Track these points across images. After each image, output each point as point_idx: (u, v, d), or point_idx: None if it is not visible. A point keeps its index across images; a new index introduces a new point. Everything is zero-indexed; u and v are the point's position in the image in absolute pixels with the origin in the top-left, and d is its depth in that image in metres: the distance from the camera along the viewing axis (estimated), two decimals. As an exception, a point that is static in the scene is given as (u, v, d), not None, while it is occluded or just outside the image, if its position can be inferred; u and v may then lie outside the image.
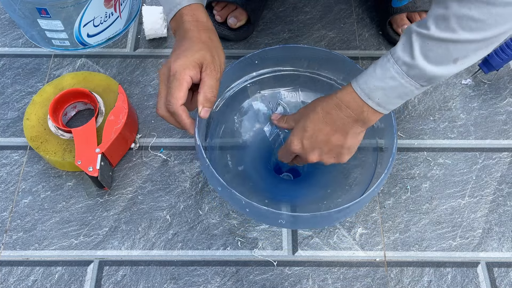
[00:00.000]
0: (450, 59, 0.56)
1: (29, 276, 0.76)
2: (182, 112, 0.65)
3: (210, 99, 0.66)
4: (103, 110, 0.84)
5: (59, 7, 0.87)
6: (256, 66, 0.80)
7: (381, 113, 0.64)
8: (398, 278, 0.76)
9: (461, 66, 0.58)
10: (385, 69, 0.61)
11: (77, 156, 0.77)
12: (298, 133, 0.69)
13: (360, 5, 1.04)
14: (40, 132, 0.82)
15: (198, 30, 0.68)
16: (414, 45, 0.57)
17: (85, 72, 0.89)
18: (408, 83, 0.60)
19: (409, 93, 0.61)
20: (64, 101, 0.85)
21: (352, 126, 0.66)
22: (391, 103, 0.63)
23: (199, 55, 0.65)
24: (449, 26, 0.54)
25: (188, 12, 0.68)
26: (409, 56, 0.58)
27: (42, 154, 0.81)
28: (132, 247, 0.78)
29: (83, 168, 0.76)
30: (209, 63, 0.66)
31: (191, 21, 0.68)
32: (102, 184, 0.79)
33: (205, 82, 0.65)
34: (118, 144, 0.82)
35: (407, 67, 0.58)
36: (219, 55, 0.68)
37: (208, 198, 0.82)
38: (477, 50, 0.55)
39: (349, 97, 0.64)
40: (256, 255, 0.78)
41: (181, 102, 0.65)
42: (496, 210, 0.82)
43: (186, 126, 0.67)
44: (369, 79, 0.62)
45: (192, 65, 0.64)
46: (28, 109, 0.84)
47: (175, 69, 0.64)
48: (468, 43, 0.54)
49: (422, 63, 0.57)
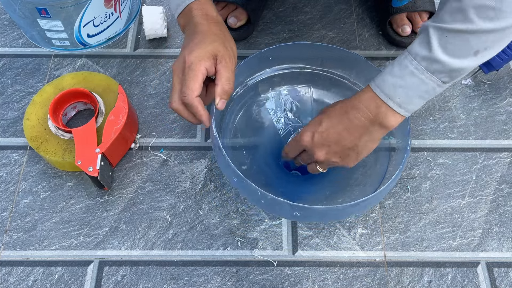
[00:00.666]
0: (471, 51, 0.55)
1: (29, 276, 0.76)
2: (198, 103, 0.64)
3: (228, 91, 0.65)
4: (103, 110, 0.84)
5: (59, 7, 0.87)
6: (269, 62, 0.79)
7: (402, 115, 0.62)
8: (398, 278, 0.76)
9: (482, 59, 0.56)
10: (403, 66, 0.59)
11: (77, 156, 0.77)
12: (311, 126, 0.68)
13: (360, 5, 1.04)
14: (40, 132, 0.82)
15: (209, 23, 0.67)
16: (432, 39, 0.56)
17: (85, 72, 0.89)
18: (428, 79, 0.58)
19: (430, 91, 0.59)
20: (64, 101, 0.85)
21: (368, 129, 0.64)
22: (412, 103, 0.61)
23: (213, 46, 0.65)
24: (467, 17, 0.53)
25: (197, 7, 0.68)
26: (427, 50, 0.57)
27: (42, 154, 0.81)
28: (132, 247, 0.78)
29: (83, 168, 0.76)
30: (224, 54, 0.65)
31: (200, 15, 0.68)
32: (102, 184, 0.79)
33: (221, 74, 0.65)
34: (118, 144, 0.82)
35: (427, 61, 0.57)
36: (232, 47, 0.67)
37: (208, 198, 0.82)
38: (497, 41, 0.54)
39: (368, 97, 0.63)
40: (256, 255, 0.78)
41: (196, 93, 0.64)
42: (496, 210, 0.82)
43: (202, 117, 0.66)
44: (387, 77, 0.61)
45: (207, 57, 0.64)
46: (28, 109, 0.84)
47: (190, 61, 0.64)
48: (487, 33, 0.53)
49: (442, 56, 0.56)
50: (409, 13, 0.96)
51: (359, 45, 0.99)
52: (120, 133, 0.80)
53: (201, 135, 0.88)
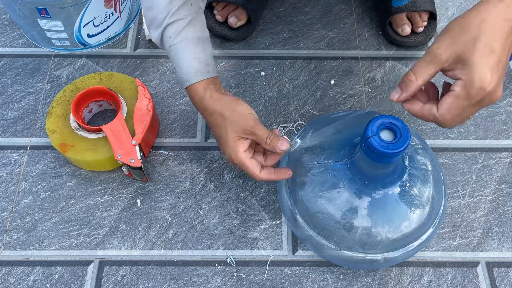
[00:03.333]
0: None
1: (29, 276, 0.76)
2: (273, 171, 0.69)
3: (276, 144, 0.67)
4: (124, 104, 0.85)
5: (59, 7, 0.87)
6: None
7: None
8: (398, 278, 0.76)
9: None
10: None
11: (114, 151, 0.79)
12: (485, 61, 0.48)
13: (360, 5, 1.04)
14: (67, 138, 0.83)
15: (215, 105, 0.69)
16: None
17: (102, 73, 0.89)
18: None
19: None
20: (84, 100, 0.86)
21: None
22: None
23: (237, 135, 0.67)
24: None
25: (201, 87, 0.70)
26: None
27: (71, 156, 0.81)
28: (132, 247, 0.78)
29: (125, 161, 0.78)
30: (249, 126, 0.67)
31: (204, 98, 0.70)
32: (144, 174, 0.80)
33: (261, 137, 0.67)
34: (149, 133, 0.83)
35: None
36: (241, 113, 0.68)
37: (208, 198, 0.82)
38: None
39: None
40: (256, 255, 0.78)
41: (259, 168, 0.68)
42: (496, 210, 0.82)
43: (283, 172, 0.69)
44: None
45: (242, 149, 0.67)
46: (48, 123, 0.84)
47: (237, 162, 0.68)
48: None
49: None
50: (409, 13, 0.96)
51: (359, 45, 0.99)
52: (150, 122, 0.82)
53: (201, 135, 0.88)
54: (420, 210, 0.69)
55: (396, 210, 0.68)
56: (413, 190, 0.69)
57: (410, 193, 0.69)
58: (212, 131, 0.71)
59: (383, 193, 0.68)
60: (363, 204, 0.68)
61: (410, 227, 0.68)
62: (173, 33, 0.68)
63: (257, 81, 0.95)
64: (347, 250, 0.70)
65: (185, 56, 0.69)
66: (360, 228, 0.68)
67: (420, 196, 0.69)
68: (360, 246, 0.69)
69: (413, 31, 0.97)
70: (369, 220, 0.68)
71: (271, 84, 0.94)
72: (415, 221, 0.69)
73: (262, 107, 0.91)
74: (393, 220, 0.68)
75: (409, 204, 0.69)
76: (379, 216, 0.68)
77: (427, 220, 0.70)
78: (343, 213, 0.68)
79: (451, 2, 1.05)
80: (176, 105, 0.91)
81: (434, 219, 0.71)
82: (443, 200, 0.73)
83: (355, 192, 0.68)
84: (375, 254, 0.70)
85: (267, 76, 0.95)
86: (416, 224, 0.69)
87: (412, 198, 0.69)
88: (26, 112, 0.91)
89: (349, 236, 0.68)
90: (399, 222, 0.68)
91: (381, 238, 0.68)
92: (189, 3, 0.68)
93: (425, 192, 0.70)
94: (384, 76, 0.95)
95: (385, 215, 0.68)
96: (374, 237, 0.68)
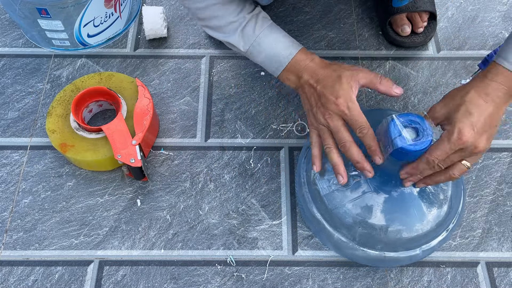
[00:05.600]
0: None
1: (29, 276, 0.76)
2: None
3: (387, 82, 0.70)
4: (124, 104, 0.85)
5: (59, 7, 0.87)
6: None
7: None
8: (398, 278, 0.76)
9: None
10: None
11: (115, 151, 0.79)
12: (464, 120, 0.61)
13: (360, 5, 1.04)
14: (67, 138, 0.83)
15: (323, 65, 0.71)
16: None
17: (102, 73, 0.89)
18: None
19: None
20: (84, 100, 0.86)
21: (507, 101, 0.64)
22: None
23: (353, 83, 0.68)
24: None
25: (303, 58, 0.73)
26: None
27: (71, 156, 0.81)
28: (132, 247, 0.78)
29: (125, 161, 0.78)
30: (352, 75, 0.69)
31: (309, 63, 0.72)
32: (144, 174, 0.80)
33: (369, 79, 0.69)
34: (149, 133, 0.83)
35: None
36: (349, 67, 0.70)
37: (208, 198, 0.82)
38: None
39: (500, 73, 0.63)
40: (256, 255, 0.78)
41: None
42: (496, 210, 0.82)
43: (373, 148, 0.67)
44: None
45: (355, 96, 0.68)
46: (48, 123, 0.84)
47: (351, 106, 0.67)
48: None
49: None
50: (409, 13, 0.96)
51: (359, 45, 0.99)
52: (150, 122, 0.82)
53: (201, 135, 0.88)
54: (445, 201, 0.73)
55: (421, 204, 0.72)
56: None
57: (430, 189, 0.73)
58: (318, 86, 0.70)
59: (409, 190, 0.71)
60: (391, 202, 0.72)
61: (439, 218, 0.72)
62: (252, 28, 0.74)
63: (257, 81, 0.95)
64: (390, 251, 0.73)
65: (276, 37, 0.74)
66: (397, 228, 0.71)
67: (441, 188, 0.73)
68: (400, 246, 0.72)
69: (413, 32, 0.97)
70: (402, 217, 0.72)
71: (271, 84, 0.94)
72: (443, 211, 0.72)
73: (262, 107, 0.91)
74: (423, 213, 0.72)
75: (434, 197, 0.73)
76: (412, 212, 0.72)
77: (450, 210, 0.73)
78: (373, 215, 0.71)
79: (451, 2, 1.05)
80: (176, 105, 0.92)
81: (456, 210, 0.74)
82: (462, 192, 0.76)
83: (384, 192, 0.72)
84: (414, 250, 0.73)
85: (267, 76, 0.95)
86: (444, 214, 0.72)
87: (432, 193, 0.73)
88: (26, 112, 0.91)
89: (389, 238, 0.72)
90: (428, 215, 0.72)
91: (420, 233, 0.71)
92: (248, 3, 0.75)
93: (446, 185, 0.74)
94: (384, 76, 0.95)
95: (416, 209, 0.72)
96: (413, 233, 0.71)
